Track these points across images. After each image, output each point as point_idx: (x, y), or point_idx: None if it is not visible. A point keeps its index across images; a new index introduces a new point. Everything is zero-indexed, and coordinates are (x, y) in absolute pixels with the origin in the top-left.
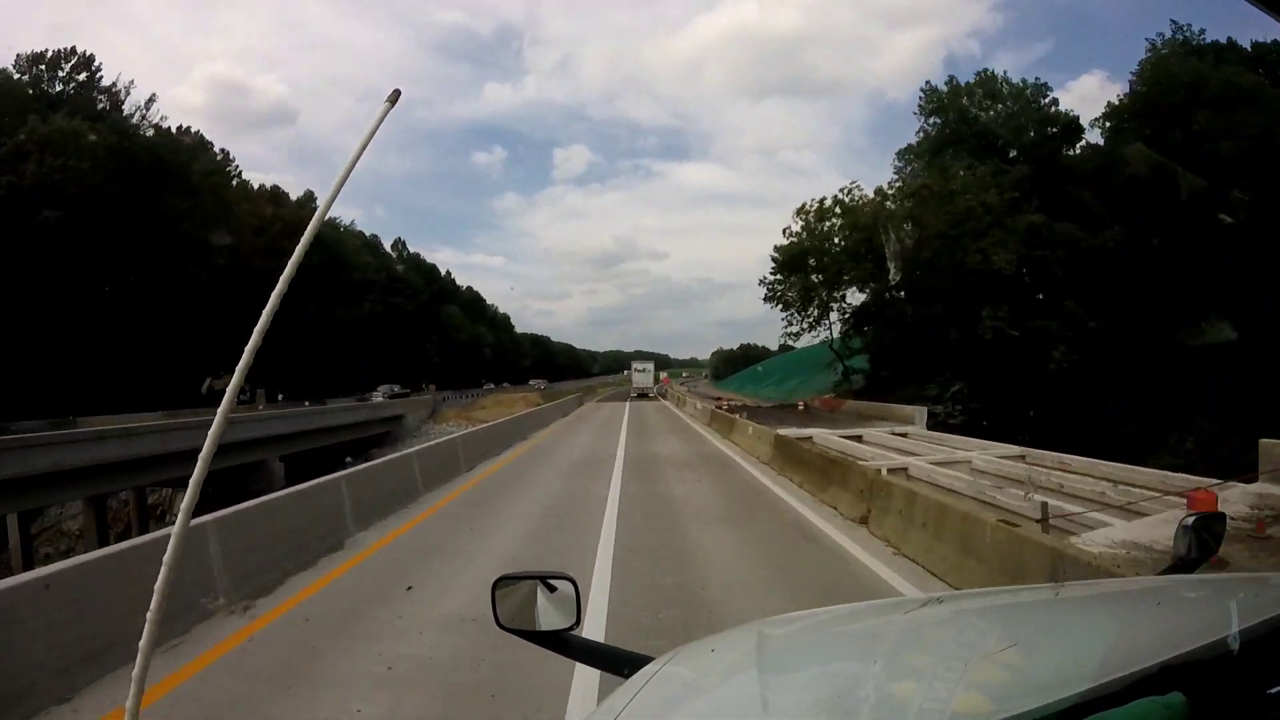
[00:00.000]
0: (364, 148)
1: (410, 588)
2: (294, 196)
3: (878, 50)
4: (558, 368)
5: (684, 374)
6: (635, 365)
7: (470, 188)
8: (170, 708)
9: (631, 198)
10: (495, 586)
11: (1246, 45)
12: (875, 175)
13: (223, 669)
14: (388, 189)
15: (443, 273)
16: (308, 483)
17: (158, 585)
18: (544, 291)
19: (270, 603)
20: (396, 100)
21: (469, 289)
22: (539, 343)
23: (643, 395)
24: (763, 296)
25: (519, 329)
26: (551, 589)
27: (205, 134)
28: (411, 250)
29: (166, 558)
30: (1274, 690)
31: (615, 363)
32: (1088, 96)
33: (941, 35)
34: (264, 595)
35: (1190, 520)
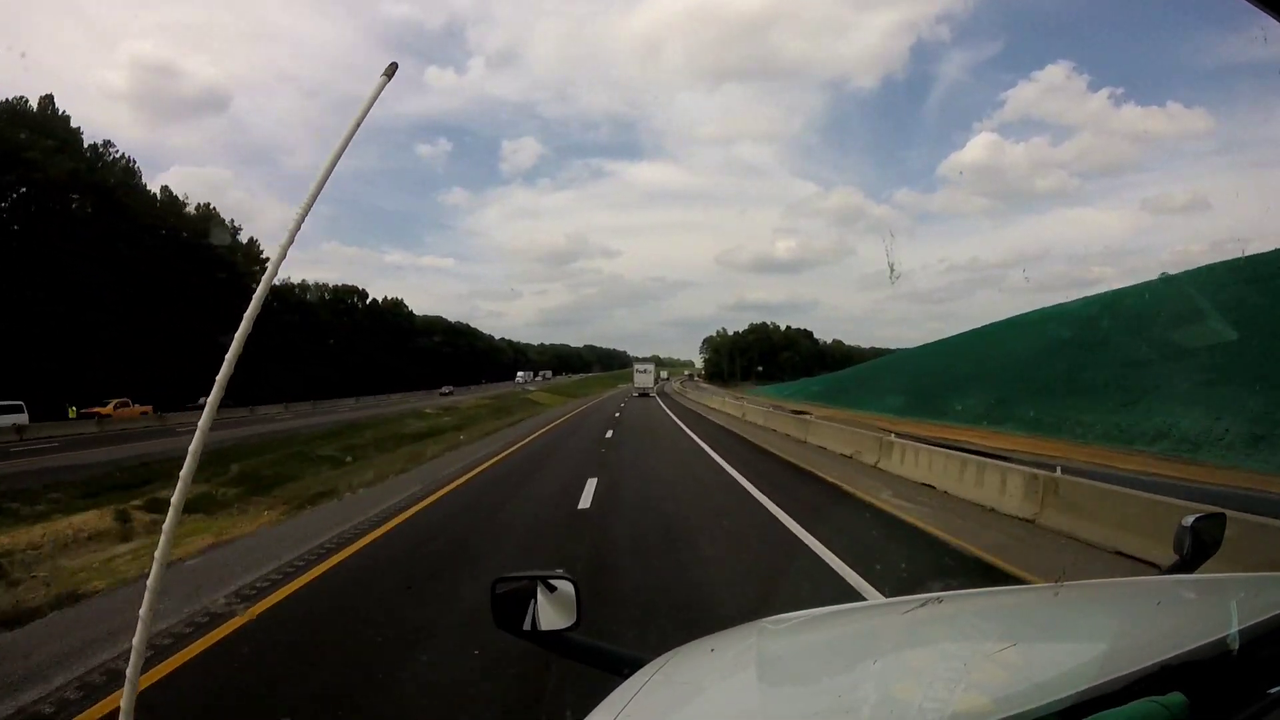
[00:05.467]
0: (359, 123)
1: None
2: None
3: (841, 32)
4: (429, 360)
5: (681, 373)
6: (637, 366)
7: (419, 187)
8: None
9: (583, 195)
10: (494, 586)
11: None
12: (834, 175)
13: None
14: (337, 188)
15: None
16: None
17: (149, 583)
18: (494, 292)
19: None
20: (393, 74)
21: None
22: (370, 312)
23: (644, 394)
24: None
25: (485, 336)
26: (551, 589)
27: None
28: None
29: (156, 555)
30: (1274, 690)
31: (557, 359)
32: (1053, 86)
33: (909, 19)
34: None
35: (1190, 520)
